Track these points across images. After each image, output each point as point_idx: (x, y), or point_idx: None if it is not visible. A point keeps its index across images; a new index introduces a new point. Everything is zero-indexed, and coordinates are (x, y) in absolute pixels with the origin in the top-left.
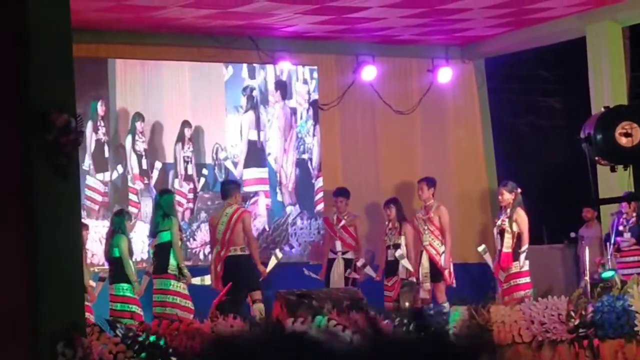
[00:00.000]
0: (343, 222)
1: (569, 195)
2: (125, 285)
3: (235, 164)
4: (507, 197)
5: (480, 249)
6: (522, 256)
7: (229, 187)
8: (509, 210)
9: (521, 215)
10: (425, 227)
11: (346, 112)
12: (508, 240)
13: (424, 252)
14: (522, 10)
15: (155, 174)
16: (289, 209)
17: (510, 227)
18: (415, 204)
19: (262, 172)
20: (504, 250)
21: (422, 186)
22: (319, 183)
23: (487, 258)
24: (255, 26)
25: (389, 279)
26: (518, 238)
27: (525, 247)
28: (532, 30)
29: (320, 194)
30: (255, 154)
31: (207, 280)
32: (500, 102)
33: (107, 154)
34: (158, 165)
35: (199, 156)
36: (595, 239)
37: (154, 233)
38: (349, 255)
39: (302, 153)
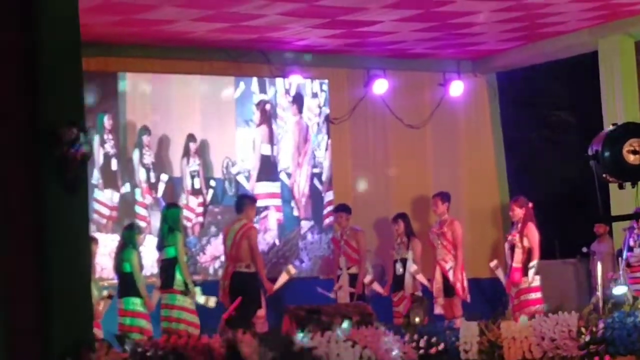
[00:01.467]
0: (345, 237)
1: (582, 210)
2: (136, 300)
3: (247, 178)
4: (517, 212)
5: (492, 264)
6: (531, 272)
7: (241, 202)
8: (519, 225)
9: (532, 230)
10: (439, 242)
11: (357, 126)
12: (518, 255)
13: (437, 267)
14: (533, 25)
15: (163, 188)
16: (302, 223)
17: (521, 242)
18: (427, 218)
19: (274, 187)
20: (514, 265)
21: (437, 201)
22: (328, 197)
23: (499, 273)
24: (266, 40)
25: (395, 294)
26: (528, 253)
27: (534, 262)
28: (544, 45)
29: (329, 208)
30: (267, 168)
31: (212, 302)
32: (512, 117)
33: (115, 168)
34: (165, 178)
35: (208, 170)
36: (607, 254)
37: (160, 247)
38: (354, 270)
39: (313, 167)
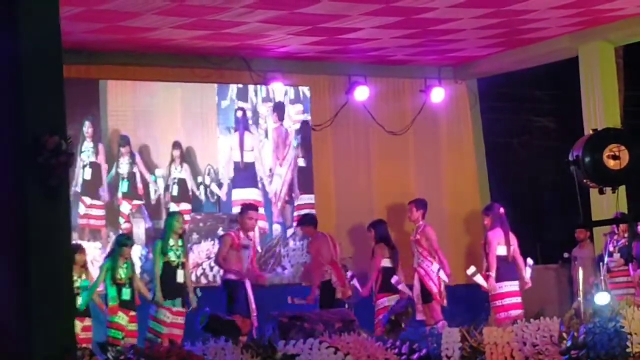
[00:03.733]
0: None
1: (563, 215)
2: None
3: (220, 185)
4: (485, 219)
5: (469, 271)
6: (491, 279)
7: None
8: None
9: (489, 238)
10: (415, 249)
11: (339, 132)
12: (484, 262)
13: (415, 274)
14: (514, 31)
15: (147, 196)
16: (277, 228)
17: (484, 249)
18: (409, 224)
19: (254, 193)
20: (484, 272)
21: (411, 207)
22: (301, 201)
23: (478, 279)
24: (247, 47)
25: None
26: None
27: (492, 269)
28: (525, 51)
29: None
30: (246, 175)
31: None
32: (493, 122)
33: (97, 175)
34: (149, 186)
35: (191, 177)
36: (588, 259)
37: None
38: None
39: (292, 173)
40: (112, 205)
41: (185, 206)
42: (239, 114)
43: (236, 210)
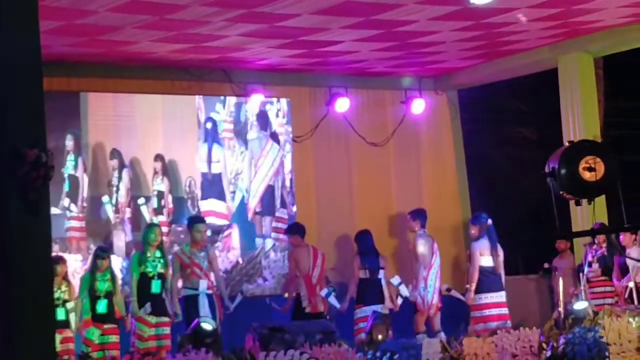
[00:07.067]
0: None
1: (543, 226)
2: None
3: (195, 198)
4: (472, 230)
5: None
6: (469, 291)
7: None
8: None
9: (472, 249)
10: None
11: (319, 144)
12: (467, 273)
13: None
14: (494, 42)
15: (128, 208)
16: (265, 241)
17: (468, 260)
18: (389, 235)
19: (228, 204)
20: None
21: (408, 218)
22: (282, 214)
23: (455, 294)
24: (228, 59)
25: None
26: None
27: (472, 281)
28: (505, 62)
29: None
30: (219, 187)
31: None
32: (474, 134)
33: (79, 188)
34: (132, 198)
35: (171, 189)
36: (568, 269)
37: None
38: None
39: (274, 185)
40: (92, 217)
41: (162, 218)
42: (220, 125)
43: (218, 222)
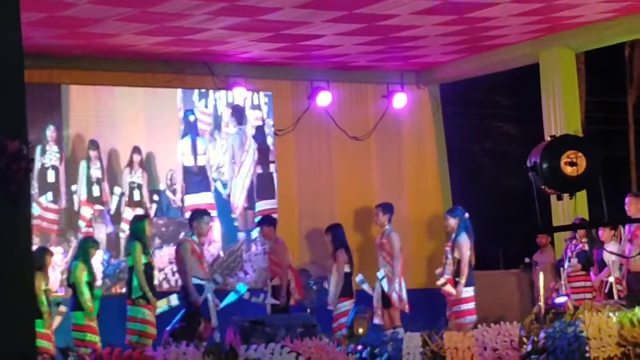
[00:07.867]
0: (268, 249)
1: (524, 221)
2: (79, 314)
3: (176, 191)
4: (451, 222)
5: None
6: (460, 285)
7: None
8: (453, 236)
9: (460, 242)
10: (379, 253)
11: (301, 137)
12: (450, 266)
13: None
14: (476, 37)
15: (109, 200)
16: (245, 234)
17: (452, 253)
18: (371, 229)
19: (210, 197)
20: (446, 276)
21: (378, 212)
22: (260, 207)
23: (448, 289)
24: (210, 53)
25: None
26: (458, 264)
27: (464, 275)
28: (487, 57)
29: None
30: (204, 180)
31: (173, 300)
32: (456, 128)
33: (59, 180)
34: (112, 190)
35: (153, 182)
36: (549, 264)
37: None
38: (275, 282)
39: (254, 178)
40: (72, 209)
41: (139, 211)
42: (200, 119)
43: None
